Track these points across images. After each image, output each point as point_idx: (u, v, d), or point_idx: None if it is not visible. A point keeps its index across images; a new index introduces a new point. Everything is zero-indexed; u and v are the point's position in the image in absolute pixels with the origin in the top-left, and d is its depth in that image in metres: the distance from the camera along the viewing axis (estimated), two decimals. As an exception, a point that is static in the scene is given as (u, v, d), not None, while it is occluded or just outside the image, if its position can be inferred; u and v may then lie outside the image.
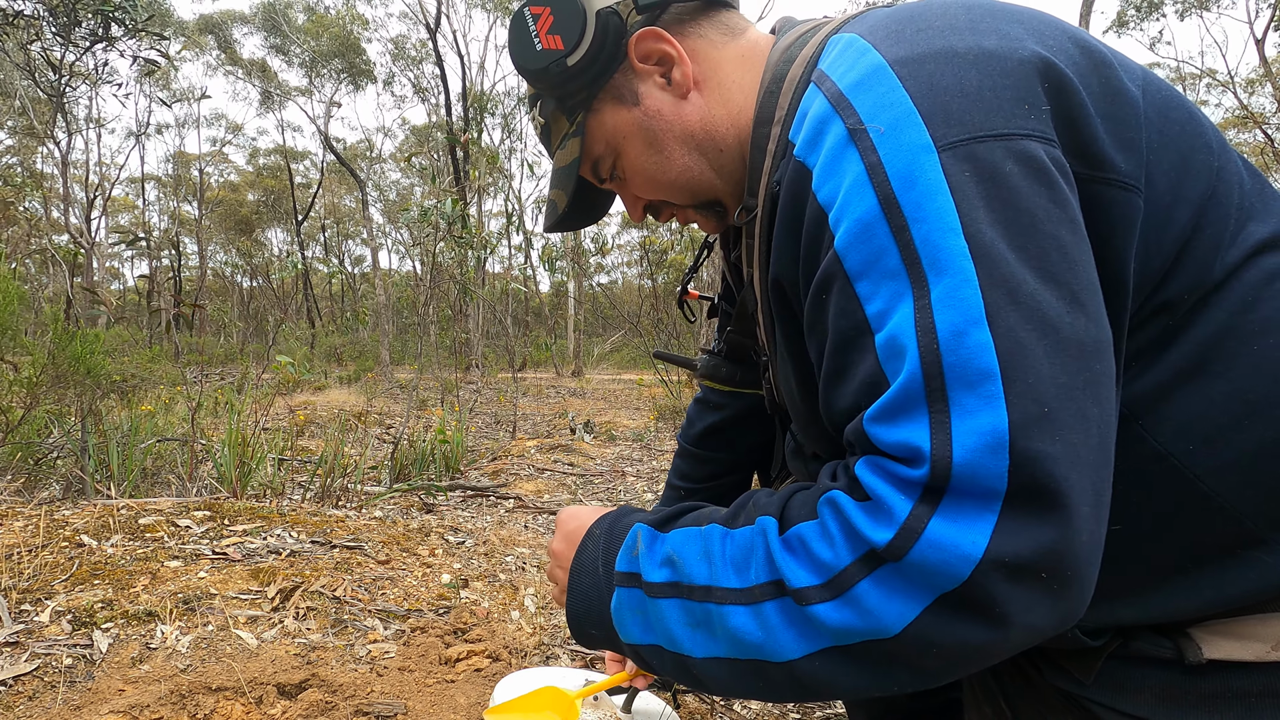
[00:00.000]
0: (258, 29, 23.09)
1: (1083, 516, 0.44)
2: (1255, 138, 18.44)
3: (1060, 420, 0.44)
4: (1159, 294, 0.54)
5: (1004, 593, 0.44)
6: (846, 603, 0.47)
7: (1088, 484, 0.44)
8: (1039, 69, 0.51)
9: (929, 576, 0.45)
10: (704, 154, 0.74)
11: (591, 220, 0.90)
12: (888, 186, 0.49)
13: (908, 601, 0.46)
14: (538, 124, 0.81)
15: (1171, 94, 0.57)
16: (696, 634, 0.55)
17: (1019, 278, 0.45)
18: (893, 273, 0.48)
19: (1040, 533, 0.43)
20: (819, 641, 0.49)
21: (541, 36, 0.72)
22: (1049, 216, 0.47)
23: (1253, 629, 0.55)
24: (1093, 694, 0.60)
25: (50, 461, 3.10)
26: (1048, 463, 0.43)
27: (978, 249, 0.46)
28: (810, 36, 0.68)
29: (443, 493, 3.38)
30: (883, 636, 0.47)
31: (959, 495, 0.45)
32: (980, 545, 0.44)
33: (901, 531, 0.46)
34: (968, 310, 0.45)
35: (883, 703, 1.08)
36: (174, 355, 6.60)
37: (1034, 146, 0.48)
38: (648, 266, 30.50)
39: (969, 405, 0.44)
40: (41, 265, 21.95)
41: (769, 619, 0.51)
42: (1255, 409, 0.52)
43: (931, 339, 0.46)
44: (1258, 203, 0.57)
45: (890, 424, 0.48)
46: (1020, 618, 0.44)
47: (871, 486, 0.48)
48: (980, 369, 0.44)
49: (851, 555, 0.48)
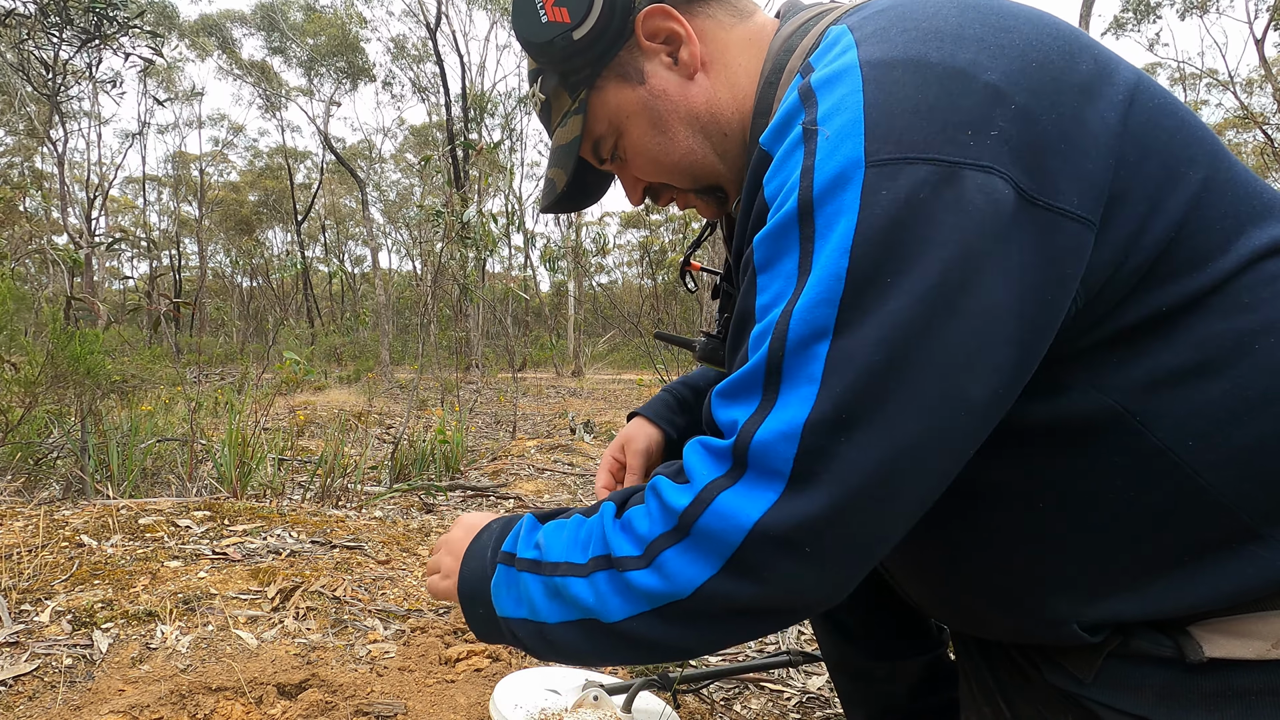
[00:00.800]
0: (257, 29, 23.09)
1: (852, 507, 0.49)
2: (1255, 138, 18.45)
3: (857, 428, 0.48)
4: (1140, 300, 0.54)
5: (769, 559, 0.51)
6: (655, 569, 0.55)
7: (866, 483, 0.49)
8: (1002, 94, 0.51)
9: (713, 543, 0.52)
10: (708, 137, 0.73)
11: (589, 202, 0.88)
12: (809, 194, 0.52)
13: (700, 566, 0.53)
14: (537, 100, 0.79)
15: (1164, 103, 0.56)
16: (552, 604, 0.62)
17: (880, 301, 0.49)
18: (787, 274, 0.53)
19: (804, 511, 0.49)
20: (637, 604, 0.56)
21: (547, 8, 0.70)
22: (943, 243, 0.48)
23: (1253, 627, 0.55)
24: (1092, 693, 0.60)
25: (50, 461, 3.10)
26: (827, 458, 0.49)
27: (854, 270, 0.49)
28: (812, 25, 0.67)
29: (443, 493, 3.38)
30: (680, 597, 0.54)
31: (753, 471, 0.51)
32: (753, 517, 0.50)
33: (696, 500, 0.53)
34: (819, 325, 0.50)
35: (880, 703, 1.08)
36: (173, 355, 6.60)
37: (962, 174, 0.49)
38: (648, 266, 30.51)
39: (788, 401, 0.50)
40: (41, 265, 21.95)
41: (600, 586, 0.58)
42: (1254, 406, 0.52)
43: (781, 342, 0.51)
44: (1257, 209, 0.56)
45: (726, 402, 0.55)
46: (784, 582, 0.51)
47: (688, 463, 0.56)
48: (808, 374, 0.50)
49: (663, 527, 0.55)
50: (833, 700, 1.55)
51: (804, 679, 1.63)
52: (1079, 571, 0.58)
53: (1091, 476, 0.56)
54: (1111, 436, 0.55)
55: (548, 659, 0.65)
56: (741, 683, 1.60)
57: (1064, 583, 0.59)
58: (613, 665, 0.66)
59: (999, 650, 0.69)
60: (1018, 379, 0.52)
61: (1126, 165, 0.53)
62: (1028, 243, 0.49)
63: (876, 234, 0.49)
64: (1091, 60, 0.55)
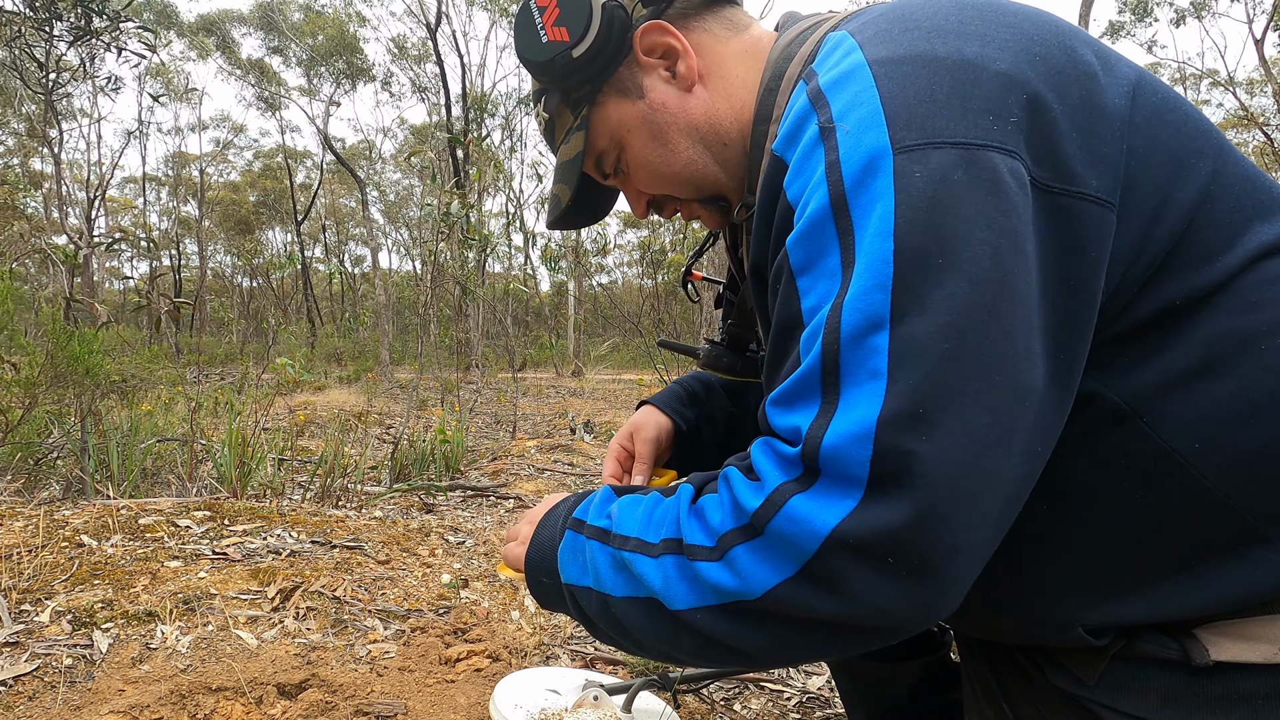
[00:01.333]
0: (255, 28, 23.08)
1: (940, 513, 0.45)
2: (1255, 138, 18.46)
3: (935, 422, 0.45)
4: (1152, 294, 0.54)
5: (848, 570, 0.47)
6: (725, 564, 0.52)
7: (954, 484, 0.45)
8: (1014, 82, 0.51)
9: (788, 547, 0.49)
10: (708, 147, 0.74)
11: (594, 219, 0.90)
12: (840, 187, 0.51)
13: (773, 568, 0.50)
14: (541, 119, 0.81)
15: (1167, 97, 0.56)
16: (618, 576, 0.60)
17: (934, 284, 0.47)
18: (831, 271, 0.51)
19: (887, 520, 0.45)
20: (704, 596, 0.54)
21: (547, 28, 0.73)
22: (988, 224, 0.47)
23: (1259, 630, 0.55)
24: (1096, 695, 0.59)
25: (50, 461, 3.10)
26: (907, 458, 0.45)
27: (901, 253, 0.47)
28: (810, 33, 0.68)
29: (443, 493, 3.38)
30: (749, 598, 0.51)
31: (826, 477, 0.48)
32: (830, 524, 0.47)
33: (767, 502, 0.50)
34: (874, 314, 0.47)
35: (882, 703, 1.08)
36: (173, 355, 6.57)
37: (990, 156, 0.48)
38: (648, 266, 30.51)
39: (853, 400, 0.47)
40: (41, 265, 21.95)
41: (668, 570, 0.56)
42: (1261, 408, 0.52)
43: (835, 337, 0.48)
44: (1263, 204, 0.56)
45: (783, 409, 0.52)
46: (865, 596, 0.47)
47: (757, 462, 0.53)
48: (871, 369, 0.47)
49: (734, 522, 0.52)
50: (833, 700, 1.55)
51: (804, 679, 1.63)
52: (1083, 574, 0.58)
53: (1097, 478, 0.56)
54: (1118, 437, 0.55)
55: (608, 637, 0.63)
56: (741, 683, 1.59)
57: (1068, 585, 0.59)
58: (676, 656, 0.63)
59: (1002, 651, 0.69)
60: (1063, 369, 0.51)
61: (1136, 156, 0.53)
62: (1047, 230, 0.50)
63: (918, 214, 0.47)
64: (1093, 54, 0.55)
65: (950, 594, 0.48)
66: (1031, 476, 0.50)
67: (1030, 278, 0.48)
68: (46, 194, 19.26)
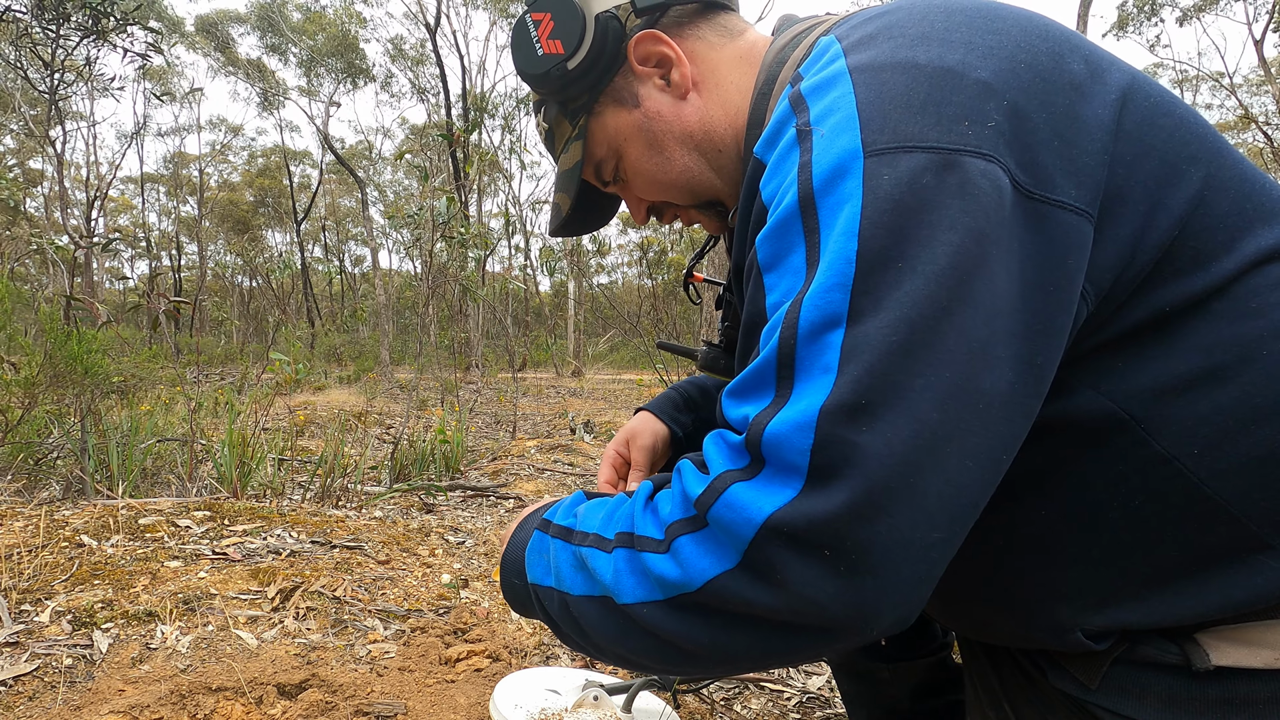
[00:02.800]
0: (254, 28, 23.08)
1: (877, 506, 0.44)
2: (1255, 138, 18.46)
3: (878, 414, 0.45)
4: (1144, 300, 0.53)
5: (784, 560, 0.46)
6: (671, 555, 0.51)
7: (894, 478, 0.44)
8: (994, 90, 0.51)
9: (728, 536, 0.48)
10: (703, 154, 0.75)
11: (596, 226, 0.92)
12: (810, 187, 0.51)
13: (715, 559, 0.49)
14: (542, 129, 0.83)
15: (1160, 102, 0.56)
16: (577, 575, 0.60)
17: (893, 284, 0.46)
18: (796, 269, 0.51)
19: (823, 509, 0.44)
20: (650, 590, 0.53)
21: (543, 41, 0.74)
22: (952, 225, 0.47)
23: (1261, 635, 0.54)
24: (1097, 698, 0.59)
25: (50, 461, 3.10)
26: (848, 449, 0.44)
27: (864, 253, 0.47)
28: (804, 38, 0.69)
29: (443, 493, 3.37)
30: (690, 589, 0.50)
31: (770, 467, 0.47)
32: (765, 511, 0.46)
33: (708, 489, 0.50)
34: (832, 312, 0.47)
35: (883, 704, 1.08)
36: (173, 355, 6.57)
37: (962, 160, 0.48)
38: (647, 267, 30.53)
39: (803, 393, 0.47)
40: (41, 265, 21.94)
41: (619, 563, 0.55)
42: (1263, 414, 0.52)
43: (792, 332, 0.48)
44: (1264, 208, 0.56)
45: (737, 400, 0.53)
46: (801, 589, 0.46)
47: (707, 451, 0.53)
48: (824, 364, 0.47)
49: (682, 513, 0.52)
50: (833, 700, 1.55)
51: (804, 679, 1.63)
52: (1083, 579, 0.58)
53: (1096, 483, 0.56)
54: (1116, 443, 0.54)
55: (570, 640, 0.62)
56: (741, 683, 1.59)
57: (1068, 590, 0.58)
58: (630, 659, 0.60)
59: (1004, 654, 0.69)
60: (1033, 375, 0.50)
61: (1124, 164, 0.53)
62: (1026, 235, 0.49)
63: (883, 216, 0.47)
64: (1082, 61, 0.54)
65: (892, 596, 0.46)
66: (988, 481, 0.49)
67: (996, 282, 0.47)
68: (47, 195, 19.25)
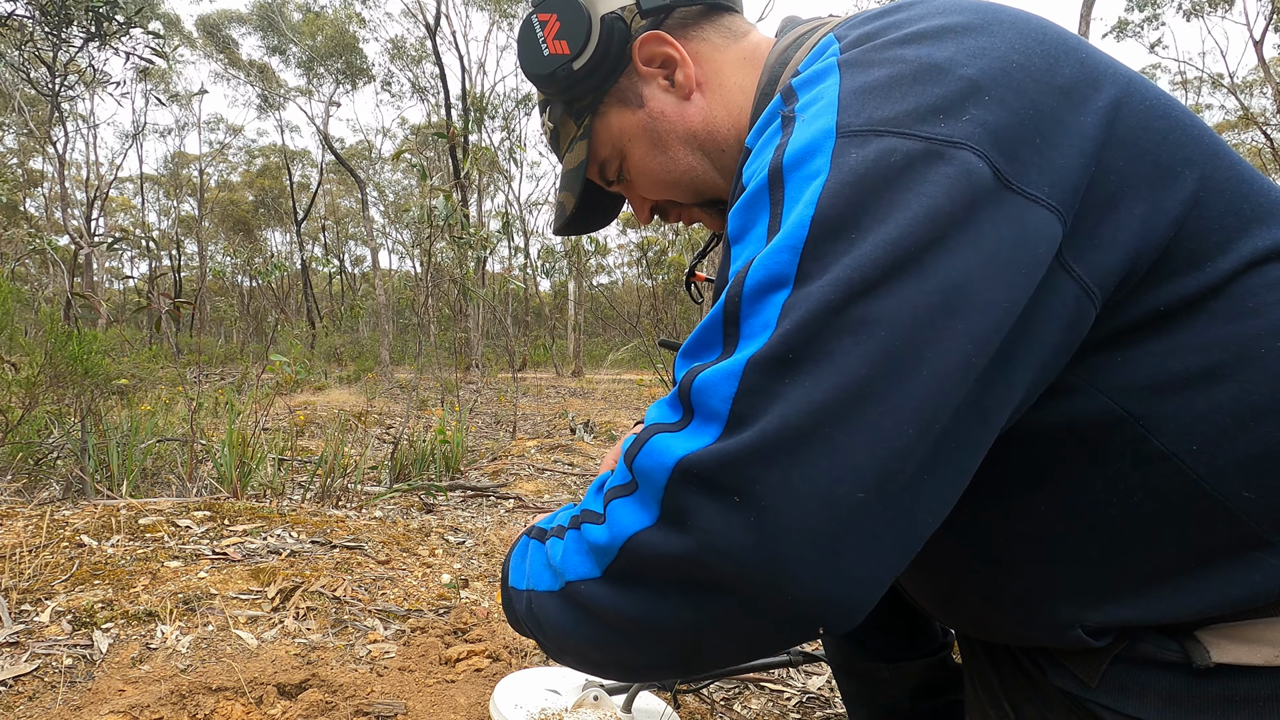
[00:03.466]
0: (255, 29, 23.09)
1: (788, 452, 0.43)
2: (1255, 138, 18.47)
3: (801, 367, 0.44)
4: (1139, 301, 0.54)
5: (694, 504, 0.44)
6: (607, 521, 0.50)
7: (809, 426, 0.43)
8: (979, 87, 0.51)
9: (648, 486, 0.47)
10: (706, 154, 0.76)
11: (600, 225, 0.92)
12: (780, 163, 0.51)
13: (637, 515, 0.48)
14: (547, 129, 0.84)
15: (1157, 105, 0.56)
16: (544, 572, 0.59)
17: (841, 251, 0.46)
18: (758, 238, 0.51)
19: (732, 450, 0.44)
20: (590, 563, 0.51)
21: (548, 42, 0.75)
22: (906, 205, 0.47)
23: (1261, 633, 0.55)
24: (1097, 696, 0.59)
25: (50, 461, 3.10)
26: (765, 398, 0.44)
27: (819, 220, 0.47)
28: (806, 39, 0.69)
29: (443, 493, 3.38)
30: (614, 551, 0.49)
31: (698, 417, 0.47)
32: (678, 454, 0.45)
33: (635, 441, 0.50)
34: (778, 272, 0.47)
35: (884, 704, 1.08)
36: (173, 355, 6.57)
37: (931, 147, 0.48)
38: (647, 266, 30.52)
39: (741, 349, 0.47)
40: (42, 265, 21.95)
41: (567, 544, 0.55)
42: (1262, 412, 0.52)
43: (738, 290, 0.48)
44: (1262, 208, 0.56)
45: (687, 360, 0.52)
46: (710, 535, 0.44)
47: (647, 414, 0.53)
48: (764, 321, 0.47)
49: (620, 479, 0.51)
50: (833, 700, 1.55)
51: (804, 679, 1.63)
52: (1082, 576, 0.58)
53: (1094, 481, 0.56)
54: (1114, 440, 0.54)
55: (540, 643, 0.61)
56: (741, 683, 1.59)
57: (1067, 587, 0.58)
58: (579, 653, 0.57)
59: (1004, 652, 0.69)
60: (999, 356, 0.48)
61: (1116, 170, 0.53)
62: (1002, 221, 0.48)
63: (844, 189, 0.48)
64: (1076, 65, 0.54)
65: (809, 554, 0.42)
66: (936, 456, 0.46)
67: (955, 260, 0.46)
68: (48, 195, 19.27)
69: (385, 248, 36.90)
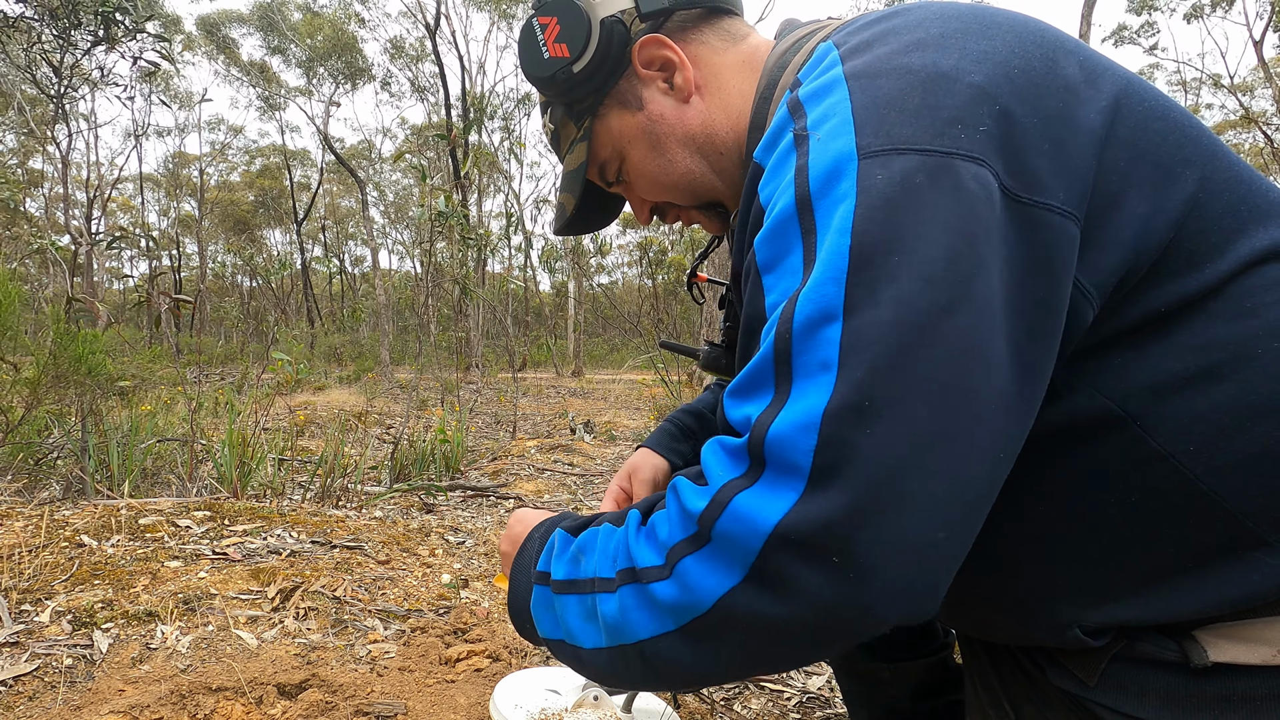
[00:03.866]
0: (255, 29, 23.09)
1: (880, 507, 0.44)
2: (1255, 139, 18.46)
3: (880, 415, 0.44)
4: (1139, 301, 0.54)
5: (792, 569, 0.45)
6: (675, 578, 0.50)
7: (896, 478, 0.44)
8: (987, 94, 0.51)
9: (734, 548, 0.47)
10: (705, 156, 0.77)
11: (600, 226, 0.93)
12: (806, 189, 0.51)
13: (721, 575, 0.47)
14: (548, 130, 0.85)
15: (1155, 105, 0.57)
16: (587, 626, 0.58)
17: (888, 280, 0.46)
18: (793, 269, 0.51)
19: (827, 513, 0.44)
20: (662, 621, 0.51)
21: (549, 45, 0.76)
22: (946, 227, 0.47)
23: (1259, 632, 0.55)
24: (1096, 696, 0.59)
25: (50, 461, 3.10)
26: (849, 450, 0.44)
27: (858, 249, 0.47)
28: (805, 42, 0.70)
29: (443, 493, 3.38)
30: (700, 611, 0.48)
31: (771, 469, 0.46)
32: (772, 520, 0.45)
33: (712, 502, 0.48)
34: (827, 306, 0.47)
35: (884, 704, 1.08)
36: (173, 355, 6.57)
37: (954, 163, 0.49)
38: (647, 266, 30.53)
39: (803, 390, 0.46)
40: (42, 265, 21.96)
41: (625, 600, 0.53)
42: (1260, 412, 0.52)
43: (788, 327, 0.48)
44: (1259, 208, 0.56)
45: (738, 400, 0.52)
46: (811, 596, 0.45)
47: (705, 461, 0.52)
48: (821, 360, 0.46)
49: (683, 533, 0.50)
50: (833, 700, 1.55)
51: (804, 679, 1.63)
52: (1081, 576, 0.58)
53: (1093, 481, 0.56)
54: (1113, 441, 0.55)
55: (592, 679, 0.62)
56: (742, 683, 1.59)
57: (1066, 587, 0.59)
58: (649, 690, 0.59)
59: (1004, 652, 0.69)
60: (1030, 375, 0.50)
61: (1117, 169, 0.53)
62: (1013, 238, 0.50)
63: (876, 213, 0.48)
64: (1076, 66, 0.55)
65: (901, 596, 0.45)
66: (992, 479, 0.49)
67: (991, 282, 0.48)
68: (48, 195, 19.27)
69: (385, 248, 36.92)
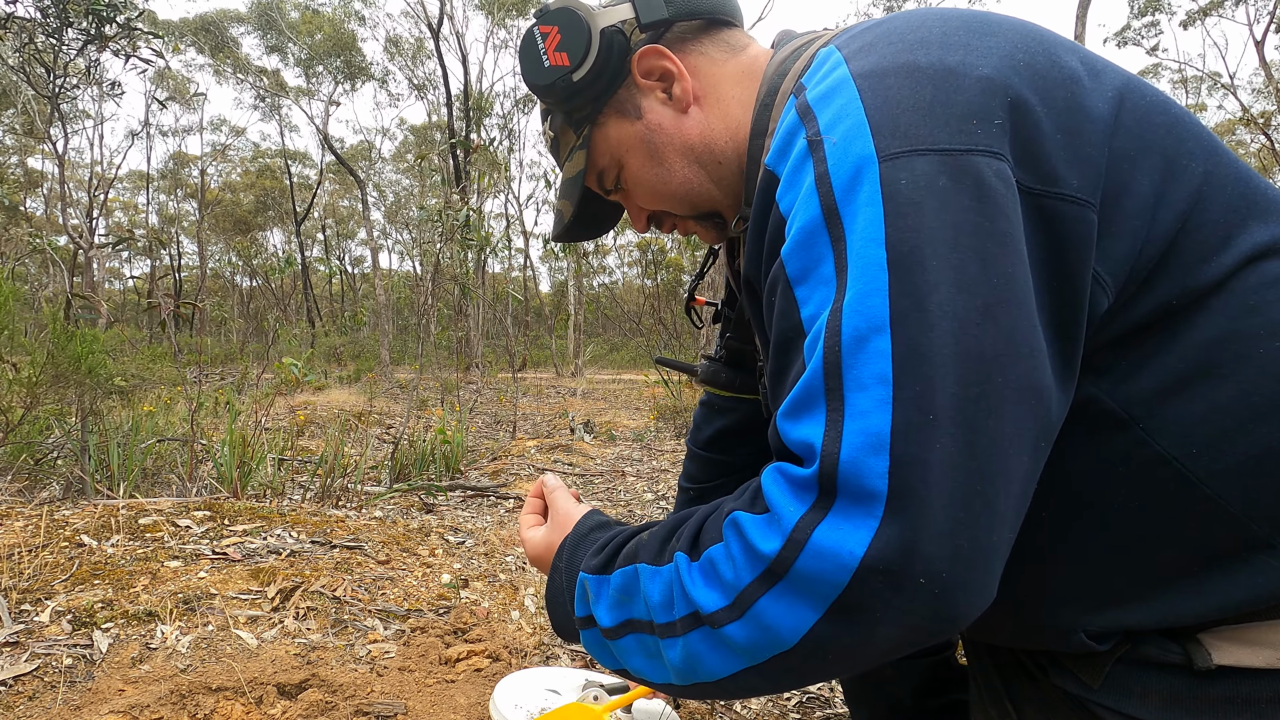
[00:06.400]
0: (254, 28, 23.08)
1: (961, 520, 0.45)
2: (1256, 139, 18.45)
3: (944, 427, 0.45)
4: (1149, 295, 0.54)
5: (880, 597, 0.45)
6: (750, 620, 0.49)
7: (970, 489, 0.45)
8: (996, 86, 0.52)
9: (817, 585, 0.46)
10: (703, 166, 0.77)
11: (598, 233, 0.94)
12: (831, 197, 0.51)
13: (802, 613, 0.47)
14: (548, 137, 0.85)
15: (1155, 100, 0.57)
16: (651, 663, 0.58)
17: (929, 287, 0.47)
18: (826, 279, 0.51)
19: (912, 537, 0.44)
20: (738, 660, 0.51)
21: (549, 53, 0.76)
22: (975, 229, 0.48)
23: (1262, 635, 0.54)
24: (1100, 698, 0.59)
25: (50, 461, 3.10)
26: (921, 468, 0.44)
27: (895, 259, 0.47)
28: (804, 50, 0.70)
29: (443, 493, 3.37)
30: (781, 650, 0.49)
31: (844, 497, 0.46)
32: (857, 554, 0.45)
33: (788, 542, 0.47)
34: (872, 317, 0.47)
35: (886, 703, 1.08)
36: (173, 355, 6.57)
37: (974, 160, 0.49)
38: (648, 266, 30.52)
39: (861, 407, 0.46)
40: (42, 265, 21.96)
41: (694, 646, 0.53)
42: (1261, 413, 0.52)
43: (836, 341, 0.48)
44: (1258, 204, 0.56)
45: (793, 420, 0.51)
46: (901, 618, 0.45)
47: (769, 495, 0.50)
48: (875, 373, 0.46)
49: (752, 573, 0.49)
50: (833, 700, 1.55)
51: (805, 679, 1.63)
52: (1084, 581, 0.58)
53: (1096, 484, 0.56)
54: (1116, 443, 0.54)
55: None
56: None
57: (1069, 592, 0.58)
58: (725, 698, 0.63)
59: (1007, 654, 0.69)
60: (1064, 367, 0.51)
61: (1126, 159, 0.53)
62: (1030, 231, 0.50)
63: (905, 220, 0.48)
64: (1078, 61, 0.56)
65: (980, 599, 0.47)
66: (1037, 472, 0.50)
67: (1026, 278, 0.49)
68: (48, 195, 19.27)
69: (385, 248, 36.93)
